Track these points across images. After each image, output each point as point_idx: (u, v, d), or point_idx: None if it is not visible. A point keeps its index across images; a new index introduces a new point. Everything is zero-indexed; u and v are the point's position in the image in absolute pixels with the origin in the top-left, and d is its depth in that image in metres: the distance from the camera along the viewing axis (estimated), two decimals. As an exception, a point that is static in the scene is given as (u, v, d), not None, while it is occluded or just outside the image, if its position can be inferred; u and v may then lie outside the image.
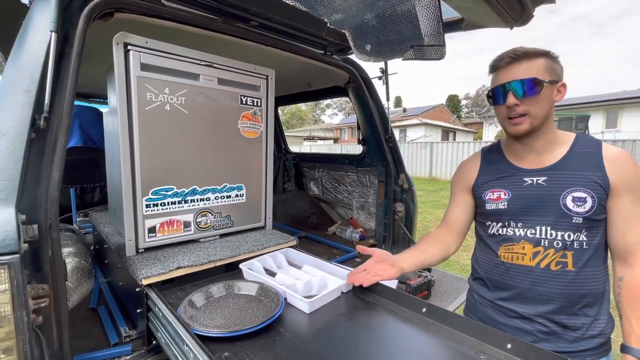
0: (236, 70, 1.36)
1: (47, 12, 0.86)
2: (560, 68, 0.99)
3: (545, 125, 0.99)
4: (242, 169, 1.46)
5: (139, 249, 1.20)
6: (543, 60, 0.96)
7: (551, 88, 0.96)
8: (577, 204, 0.94)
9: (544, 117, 0.97)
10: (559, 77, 0.98)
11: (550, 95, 0.97)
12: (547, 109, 0.97)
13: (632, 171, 0.92)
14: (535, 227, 0.99)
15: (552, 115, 0.99)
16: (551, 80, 0.95)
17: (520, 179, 1.02)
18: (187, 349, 0.77)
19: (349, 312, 0.99)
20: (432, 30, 1.41)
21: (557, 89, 0.98)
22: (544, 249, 0.97)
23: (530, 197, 1.00)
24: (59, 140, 0.86)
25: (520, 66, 0.96)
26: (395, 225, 2.09)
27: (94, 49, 1.29)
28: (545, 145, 1.00)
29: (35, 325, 0.78)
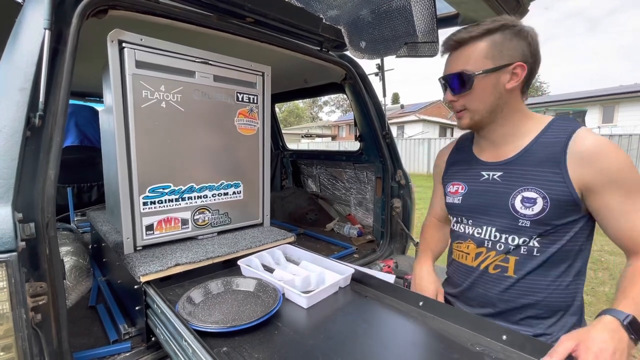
0: (232, 67, 1.36)
1: (41, 10, 0.85)
2: (519, 44, 0.82)
3: (500, 116, 0.88)
4: (239, 166, 1.46)
5: (136, 247, 1.21)
6: (484, 43, 0.83)
7: (494, 76, 0.83)
8: (525, 205, 0.83)
9: (489, 110, 0.86)
10: (512, 58, 0.82)
11: (493, 85, 0.84)
12: (490, 101, 0.85)
13: (610, 163, 0.77)
14: (482, 227, 0.92)
15: (510, 103, 0.86)
16: (492, 68, 0.82)
17: (478, 172, 0.95)
18: (185, 345, 0.78)
19: (347, 307, 1.00)
20: (426, 27, 1.41)
21: (511, 72, 0.83)
22: (486, 250, 0.91)
23: (484, 193, 0.92)
24: (55, 138, 0.86)
25: (457, 55, 0.87)
26: (393, 221, 2.10)
27: (89, 46, 1.29)
28: (503, 136, 0.90)
29: (34, 323, 0.78)
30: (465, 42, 0.85)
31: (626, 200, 0.78)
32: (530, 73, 0.84)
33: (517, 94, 0.87)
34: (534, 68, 0.85)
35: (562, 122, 0.85)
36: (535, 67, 0.85)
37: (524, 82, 0.85)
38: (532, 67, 0.84)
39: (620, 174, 0.77)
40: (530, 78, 0.86)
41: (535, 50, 0.84)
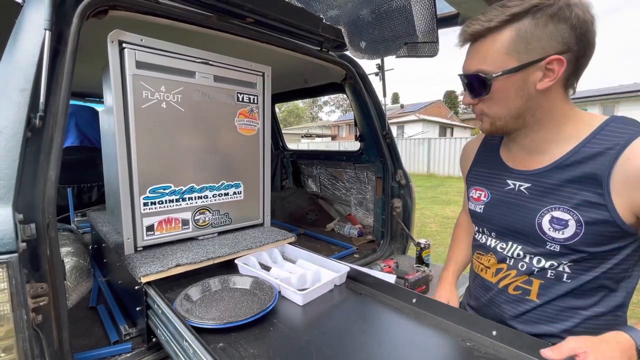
0: (232, 68, 1.36)
1: (41, 10, 0.85)
2: (557, 30, 0.62)
3: (531, 121, 0.71)
4: (239, 166, 1.46)
5: (137, 247, 1.21)
6: (506, 34, 0.65)
7: (519, 76, 0.66)
8: (554, 226, 0.70)
9: (514, 115, 0.70)
10: (544, 51, 0.63)
11: (518, 87, 0.67)
12: (515, 105, 0.69)
13: None
14: (507, 242, 0.80)
15: (544, 106, 0.69)
16: (516, 67, 0.65)
17: (504, 180, 0.81)
18: (186, 345, 0.78)
19: (342, 304, 1.02)
20: (426, 27, 1.41)
21: (544, 68, 0.64)
22: (507, 268, 0.80)
23: (508, 205, 0.79)
24: (55, 139, 0.86)
25: (474, 50, 0.71)
26: (393, 221, 2.10)
27: (89, 47, 1.29)
28: (537, 142, 0.74)
29: (35, 324, 0.78)
30: (482, 34, 0.68)
31: None
32: (576, 64, 0.65)
33: (556, 92, 0.68)
34: (583, 56, 0.65)
35: (619, 125, 0.65)
36: (586, 53, 0.65)
37: (568, 75, 0.66)
38: (580, 56, 0.65)
39: None
40: (578, 69, 0.67)
41: (583, 33, 0.63)
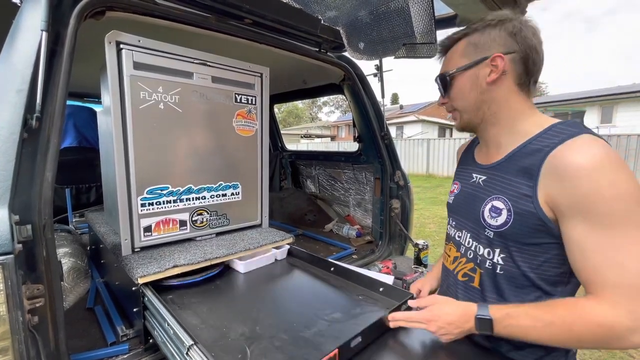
0: (230, 68, 1.36)
1: (38, 11, 0.85)
2: (498, 35, 0.77)
3: (489, 114, 0.81)
4: (237, 167, 1.46)
5: (134, 248, 1.20)
6: (461, 43, 0.83)
7: (472, 72, 0.80)
8: (491, 214, 0.78)
9: (474, 106, 0.82)
10: (488, 51, 0.77)
11: (470, 81, 0.81)
12: (472, 97, 0.81)
13: (582, 185, 0.64)
14: (462, 230, 0.90)
15: (498, 99, 0.79)
16: (467, 65, 0.80)
17: (470, 174, 0.91)
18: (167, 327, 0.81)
19: (277, 273, 1.31)
20: (425, 28, 1.41)
21: (489, 64, 0.77)
22: (460, 256, 0.89)
23: (468, 196, 0.89)
24: (52, 140, 0.86)
25: (444, 60, 0.89)
26: (392, 222, 2.10)
27: (87, 48, 1.28)
28: (495, 137, 0.84)
29: (31, 325, 0.78)
30: (448, 47, 0.87)
31: (588, 235, 0.65)
32: (524, 62, 0.76)
33: (508, 87, 0.78)
34: (526, 56, 0.76)
35: (563, 127, 0.73)
36: (530, 54, 0.76)
37: (518, 73, 0.77)
38: (523, 57, 0.76)
39: (590, 202, 0.63)
40: (527, 69, 0.77)
41: (521, 36, 0.75)
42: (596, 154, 0.65)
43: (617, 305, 0.62)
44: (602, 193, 0.63)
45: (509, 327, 0.70)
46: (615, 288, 0.63)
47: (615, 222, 0.63)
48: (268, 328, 0.90)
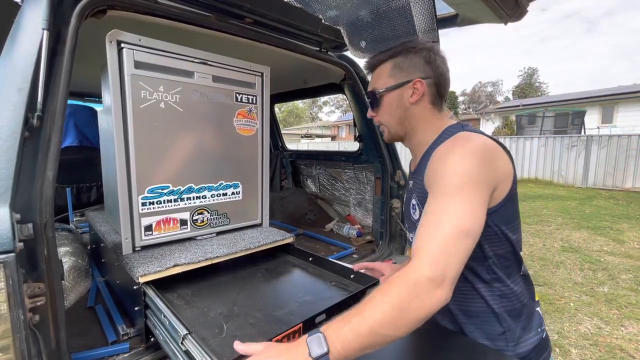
0: (231, 68, 1.36)
1: (39, 10, 0.85)
2: (417, 62, 0.91)
3: (409, 128, 0.96)
4: (238, 166, 1.46)
5: (135, 247, 1.20)
6: (388, 64, 0.95)
7: (397, 92, 0.93)
8: (412, 210, 0.94)
9: (398, 122, 0.96)
10: (410, 75, 0.91)
11: (396, 100, 0.94)
12: (397, 114, 0.96)
13: (437, 165, 0.79)
14: (408, 232, 1.02)
15: (417, 116, 0.94)
16: (394, 86, 0.93)
17: (409, 181, 1.05)
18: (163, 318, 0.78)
19: (259, 263, 1.39)
20: (427, 27, 1.41)
21: (412, 87, 0.91)
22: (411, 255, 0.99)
23: (406, 200, 1.04)
24: (53, 139, 0.86)
25: (372, 77, 1.02)
26: (392, 221, 2.10)
27: (88, 47, 1.28)
28: (416, 147, 0.99)
29: (32, 324, 0.78)
30: (376, 65, 0.99)
31: (429, 203, 0.76)
32: (437, 86, 0.92)
33: (424, 106, 0.94)
34: (439, 82, 0.92)
35: (450, 129, 0.90)
36: (441, 80, 0.92)
37: (432, 95, 0.93)
38: (437, 83, 0.92)
39: (437, 177, 0.76)
40: (439, 91, 0.93)
41: (435, 65, 0.91)
42: (457, 144, 0.80)
43: (422, 260, 0.67)
44: (445, 170, 0.76)
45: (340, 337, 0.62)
46: (425, 245, 0.69)
47: (445, 192, 0.74)
48: (244, 308, 1.01)
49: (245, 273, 1.28)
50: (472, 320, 0.88)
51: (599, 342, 2.56)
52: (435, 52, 0.93)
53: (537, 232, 5.48)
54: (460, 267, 0.68)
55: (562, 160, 10.33)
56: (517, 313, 0.87)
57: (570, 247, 4.72)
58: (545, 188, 9.86)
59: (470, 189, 0.72)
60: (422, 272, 0.65)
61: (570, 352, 2.46)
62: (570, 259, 4.28)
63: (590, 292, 3.37)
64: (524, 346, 0.86)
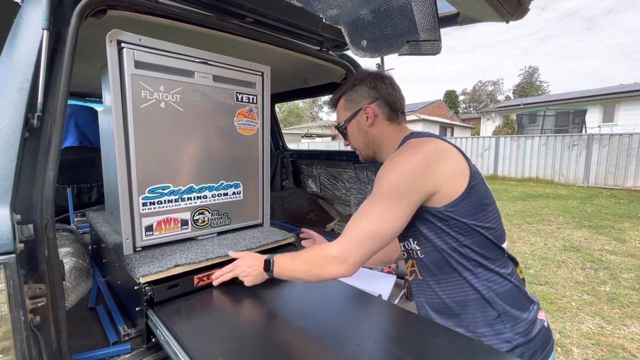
0: (231, 67, 1.35)
1: (39, 10, 0.85)
2: (362, 90, 1.05)
3: (376, 147, 1.09)
4: (238, 166, 1.45)
5: (136, 248, 1.20)
6: (341, 100, 1.10)
7: (355, 120, 1.08)
8: None
9: (365, 145, 1.10)
10: (359, 104, 1.06)
11: (357, 127, 1.08)
12: (361, 139, 1.09)
13: (379, 173, 0.92)
14: (401, 242, 1.08)
15: (378, 135, 1.06)
16: (350, 117, 1.08)
17: None
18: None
19: None
20: (428, 25, 1.40)
21: (364, 113, 1.05)
22: (405, 259, 1.09)
23: None
24: (53, 139, 0.86)
25: (336, 113, 1.16)
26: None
27: (88, 47, 1.28)
28: (385, 161, 1.08)
29: (33, 325, 0.78)
30: (334, 105, 1.15)
31: (365, 202, 0.92)
32: (388, 104, 1.04)
33: (381, 125, 1.06)
34: (388, 100, 1.04)
35: (405, 139, 1.01)
36: (389, 98, 1.04)
37: (386, 113, 1.05)
38: (386, 100, 1.04)
39: (375, 182, 0.92)
40: (391, 107, 1.04)
41: (378, 87, 1.04)
42: (395, 155, 0.94)
43: (337, 243, 0.91)
44: (379, 177, 0.91)
45: (280, 265, 1.02)
46: (344, 234, 0.91)
47: (374, 195, 0.90)
48: None
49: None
50: (467, 309, 0.92)
51: (601, 342, 2.55)
52: (376, 77, 1.05)
53: (538, 232, 5.47)
54: (363, 257, 0.88)
55: (563, 159, 10.32)
56: (509, 294, 0.91)
57: (572, 246, 4.71)
58: (546, 187, 9.85)
59: (391, 198, 0.87)
60: (332, 252, 0.90)
61: (572, 352, 2.45)
62: (572, 258, 4.27)
63: (591, 292, 3.37)
64: (522, 325, 0.89)
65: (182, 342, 0.85)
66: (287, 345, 0.85)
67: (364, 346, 0.84)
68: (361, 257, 0.88)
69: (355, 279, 1.33)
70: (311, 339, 0.89)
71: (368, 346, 0.85)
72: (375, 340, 0.89)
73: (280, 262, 1.02)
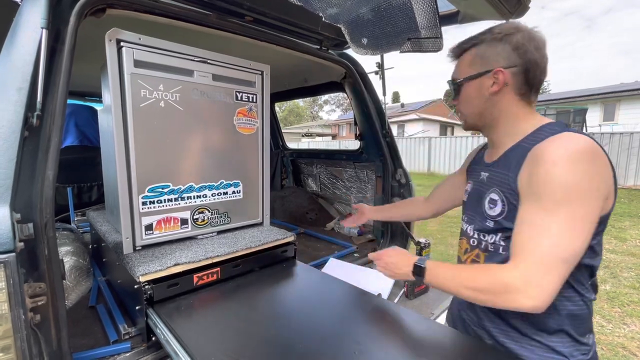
0: (231, 66, 1.35)
1: (38, 9, 0.85)
2: (502, 50, 0.83)
3: (490, 119, 0.90)
4: (238, 165, 1.45)
5: (136, 247, 1.20)
6: (469, 53, 0.90)
7: (477, 82, 0.88)
8: (490, 206, 0.88)
9: (477, 113, 0.91)
10: (491, 64, 0.84)
11: (476, 90, 0.89)
12: (476, 104, 0.90)
13: (540, 171, 0.72)
14: (470, 224, 0.97)
15: (499, 107, 0.87)
16: (472, 76, 0.88)
17: (479, 172, 0.99)
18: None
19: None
20: (429, 23, 1.40)
21: (492, 77, 0.85)
22: (469, 247, 0.97)
23: (475, 192, 0.97)
24: (53, 138, 0.86)
25: (455, 65, 0.96)
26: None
27: (88, 46, 1.28)
28: (497, 138, 0.92)
29: (33, 324, 0.78)
30: (458, 54, 0.94)
31: (531, 212, 0.74)
32: (525, 75, 0.83)
33: (509, 97, 0.86)
34: (527, 70, 0.82)
35: (551, 127, 0.81)
36: (530, 68, 0.82)
37: (518, 85, 0.84)
38: (525, 71, 0.83)
39: (541, 186, 0.72)
40: (528, 81, 0.84)
41: (523, 51, 0.81)
42: (563, 149, 0.72)
43: (517, 268, 0.71)
44: (552, 180, 0.71)
45: (435, 276, 0.86)
46: (524, 256, 0.72)
47: (551, 206, 0.70)
48: None
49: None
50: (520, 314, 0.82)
51: (601, 341, 2.55)
52: (527, 37, 0.82)
53: (538, 230, 5.46)
54: (556, 286, 0.69)
55: (564, 158, 10.28)
56: (578, 318, 0.83)
57: (572, 245, 4.70)
58: (546, 186, 9.82)
59: (577, 206, 0.69)
60: (512, 279, 0.71)
61: (572, 351, 2.45)
62: (572, 257, 4.26)
63: (592, 290, 3.37)
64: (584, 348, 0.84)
65: (182, 341, 0.85)
66: (286, 343, 0.85)
67: (364, 345, 0.85)
68: (555, 286, 0.69)
69: (354, 278, 1.33)
70: (310, 338, 0.89)
71: (367, 345, 0.85)
72: (375, 339, 0.89)
73: (435, 273, 0.86)
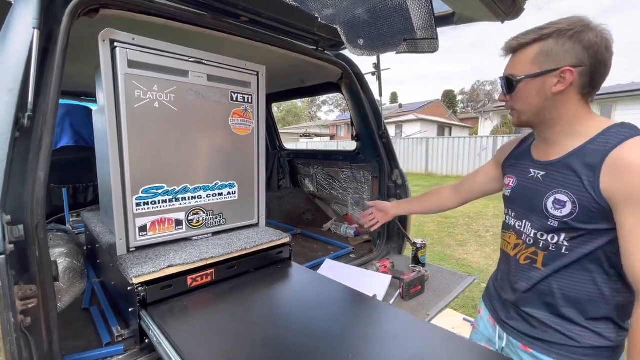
0: (226, 67, 1.35)
1: (30, 9, 0.84)
2: (572, 48, 0.79)
3: (549, 118, 0.87)
4: (233, 166, 1.45)
5: (130, 248, 1.20)
6: (532, 48, 0.84)
7: (539, 81, 0.84)
8: (556, 206, 0.86)
9: (535, 112, 0.88)
10: (559, 63, 0.81)
11: (537, 88, 0.85)
12: (534, 104, 0.87)
13: (633, 180, 0.73)
14: (522, 220, 0.96)
15: (559, 107, 0.85)
16: (536, 74, 0.84)
17: (528, 169, 0.97)
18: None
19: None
20: (425, 24, 1.40)
21: (558, 76, 0.81)
22: (522, 243, 0.96)
23: (527, 189, 0.96)
24: (44, 139, 0.85)
25: (510, 60, 0.91)
26: (390, 221, 2.09)
27: (81, 46, 1.27)
28: (556, 135, 0.89)
29: (24, 327, 0.77)
30: (516, 49, 0.88)
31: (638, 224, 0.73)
32: (591, 76, 0.81)
33: (571, 97, 0.85)
34: (595, 71, 0.81)
35: (621, 128, 0.81)
36: (598, 69, 0.81)
37: (582, 85, 0.83)
38: (592, 71, 0.81)
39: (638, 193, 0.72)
40: (593, 81, 0.82)
41: (594, 50, 0.79)
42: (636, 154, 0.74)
43: None
44: None
45: None
46: None
47: None
48: None
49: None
50: (572, 304, 0.87)
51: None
52: (598, 35, 0.79)
53: (535, 231, 5.47)
54: None
55: (561, 158, 10.34)
56: (624, 308, 0.85)
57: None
58: (543, 187, 9.86)
59: None
60: None
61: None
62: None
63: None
64: (618, 335, 0.86)
65: (175, 344, 0.85)
66: (280, 345, 0.85)
67: (357, 347, 0.84)
68: None
69: (350, 279, 1.33)
70: (304, 340, 0.88)
71: (361, 347, 0.85)
72: (369, 341, 0.89)
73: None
